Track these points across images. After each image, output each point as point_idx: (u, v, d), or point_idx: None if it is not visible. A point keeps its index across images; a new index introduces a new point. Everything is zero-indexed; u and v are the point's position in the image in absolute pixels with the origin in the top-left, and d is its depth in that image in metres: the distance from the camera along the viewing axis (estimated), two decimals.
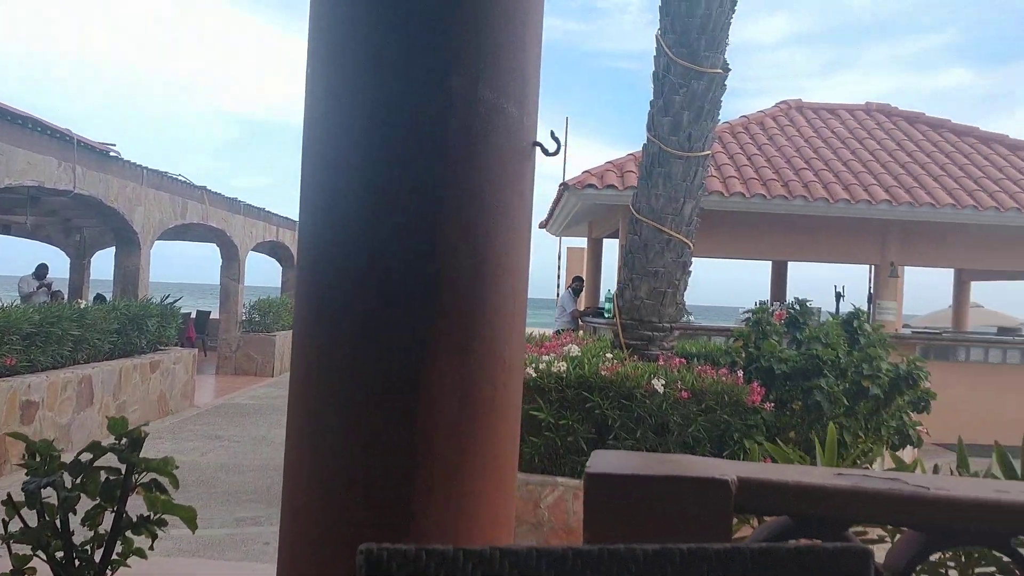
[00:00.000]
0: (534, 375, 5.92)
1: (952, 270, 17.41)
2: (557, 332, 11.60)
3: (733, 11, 7.58)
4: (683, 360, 6.66)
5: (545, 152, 2.12)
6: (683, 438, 5.88)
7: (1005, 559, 1.76)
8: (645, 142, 7.08)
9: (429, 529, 1.85)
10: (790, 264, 17.21)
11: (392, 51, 1.92)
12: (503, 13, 2.02)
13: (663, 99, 6.97)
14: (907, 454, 8.11)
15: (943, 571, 2.10)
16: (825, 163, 12.48)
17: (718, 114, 7.55)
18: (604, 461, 1.67)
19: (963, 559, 2.01)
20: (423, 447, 1.86)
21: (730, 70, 7.85)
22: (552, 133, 2.13)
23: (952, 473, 2.51)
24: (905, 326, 18.84)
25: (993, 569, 1.95)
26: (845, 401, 6.30)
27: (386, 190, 1.92)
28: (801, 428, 6.42)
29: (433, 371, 1.88)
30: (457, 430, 1.91)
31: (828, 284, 12.85)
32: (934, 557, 2.12)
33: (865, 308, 13.53)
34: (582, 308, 14.36)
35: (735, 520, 1.88)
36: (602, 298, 14.51)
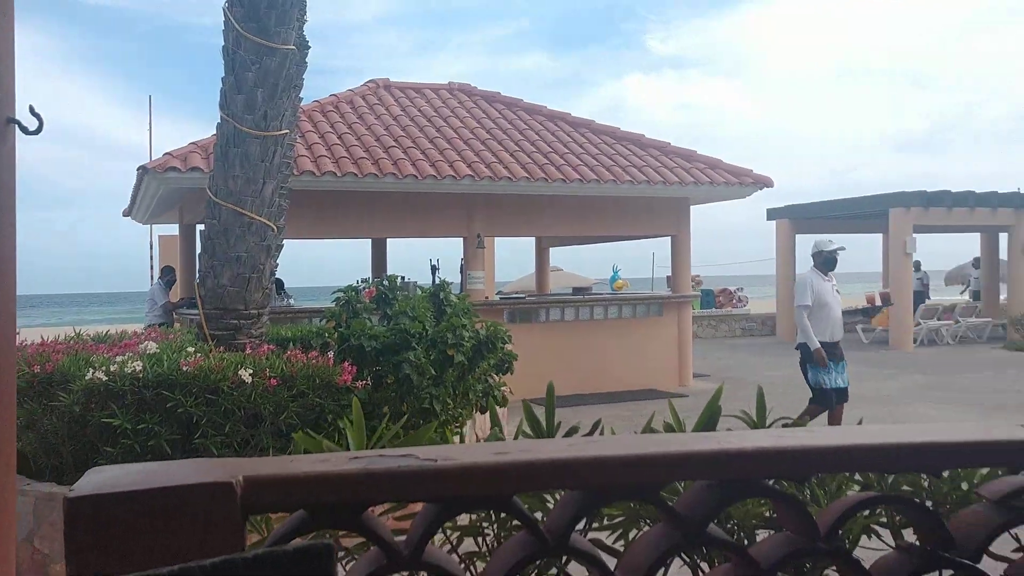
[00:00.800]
0: (105, 379, 5.39)
1: (533, 238, 19.07)
2: (148, 327, 10.79)
3: None
4: (273, 347, 6.49)
5: (24, 131, 1.84)
6: (277, 426, 5.73)
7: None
8: (219, 121, 6.73)
9: None
10: (393, 240, 17.69)
11: None
12: None
13: (235, 76, 6.67)
14: (499, 413, 8.72)
15: (481, 528, 2.20)
16: (413, 140, 12.91)
17: (298, 92, 7.43)
18: (94, 480, 1.47)
19: (494, 518, 2.11)
20: None
21: (309, 47, 7.74)
22: (32, 108, 1.86)
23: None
24: (499, 292, 20.32)
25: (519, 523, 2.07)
26: (433, 371, 6.55)
27: None
28: (395, 402, 6.57)
29: None
30: None
31: (434, 258, 13.45)
32: (471, 519, 2.22)
33: (460, 279, 14.37)
34: (176, 300, 13.53)
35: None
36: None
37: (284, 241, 7.67)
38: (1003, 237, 22.57)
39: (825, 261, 8.52)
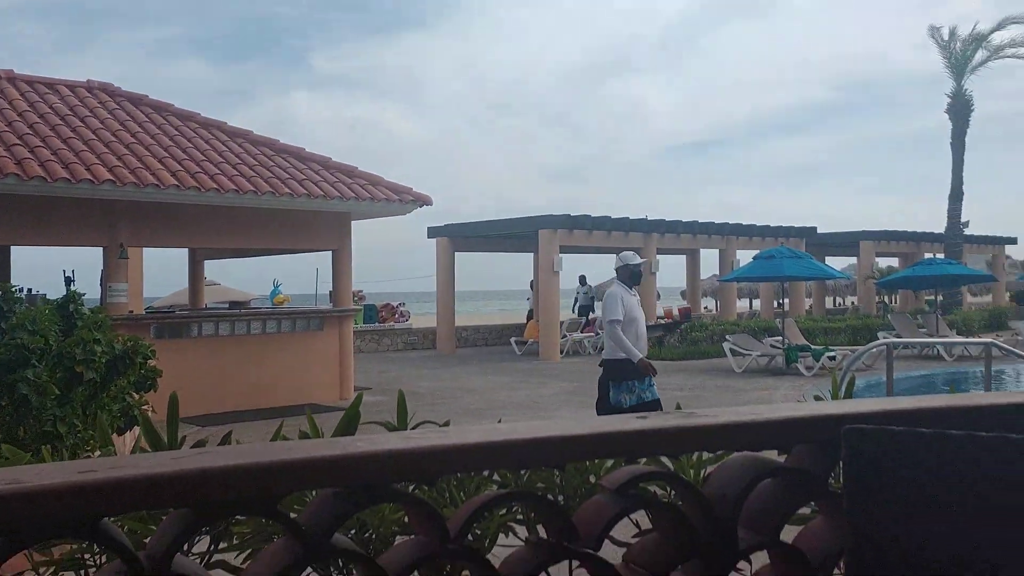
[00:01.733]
0: None
1: (187, 250, 17.95)
2: None
3: None
4: None
5: None
6: None
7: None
8: None
9: None
10: (21, 249, 15.74)
11: None
12: None
13: None
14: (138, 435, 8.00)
15: (82, 559, 1.92)
16: (42, 139, 11.55)
17: None
18: None
19: (96, 547, 1.84)
20: None
21: None
22: None
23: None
24: (149, 307, 18.86)
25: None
26: (57, 390, 5.85)
27: None
28: (10, 427, 5.78)
29: None
30: None
31: (71, 269, 12.07)
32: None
33: (100, 291, 13.09)
34: None
35: None
36: None
37: None
38: None
39: (631, 275, 8.17)
